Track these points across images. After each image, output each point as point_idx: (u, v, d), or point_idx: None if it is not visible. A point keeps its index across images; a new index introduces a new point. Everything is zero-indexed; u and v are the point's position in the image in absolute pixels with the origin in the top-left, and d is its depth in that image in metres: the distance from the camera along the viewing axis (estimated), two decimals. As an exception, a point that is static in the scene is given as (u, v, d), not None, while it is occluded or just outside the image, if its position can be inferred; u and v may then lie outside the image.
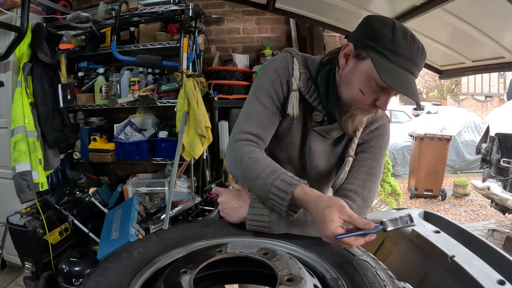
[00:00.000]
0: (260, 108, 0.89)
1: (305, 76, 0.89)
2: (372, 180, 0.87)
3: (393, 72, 0.73)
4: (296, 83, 0.88)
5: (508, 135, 3.78)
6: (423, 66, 0.79)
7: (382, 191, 4.03)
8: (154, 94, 2.41)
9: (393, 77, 0.73)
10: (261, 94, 0.90)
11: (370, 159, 0.89)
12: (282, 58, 0.92)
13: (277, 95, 0.89)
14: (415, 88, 0.76)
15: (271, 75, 0.90)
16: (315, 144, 0.94)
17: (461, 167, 6.93)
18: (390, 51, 0.73)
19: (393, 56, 0.73)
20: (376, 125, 0.92)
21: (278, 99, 0.90)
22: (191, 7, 2.30)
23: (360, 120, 0.84)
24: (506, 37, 1.46)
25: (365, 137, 0.91)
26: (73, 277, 1.96)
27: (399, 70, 0.74)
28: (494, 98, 14.15)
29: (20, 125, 2.15)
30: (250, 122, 0.88)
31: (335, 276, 0.64)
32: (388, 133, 0.94)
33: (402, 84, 0.74)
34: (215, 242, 0.75)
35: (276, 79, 0.89)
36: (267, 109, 0.89)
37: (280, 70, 0.90)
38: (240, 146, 0.85)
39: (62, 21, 2.46)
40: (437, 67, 2.13)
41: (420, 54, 0.76)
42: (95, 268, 0.66)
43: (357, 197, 0.84)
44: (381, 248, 1.25)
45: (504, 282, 0.83)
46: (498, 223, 4.06)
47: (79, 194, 2.53)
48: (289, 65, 0.90)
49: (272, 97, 0.89)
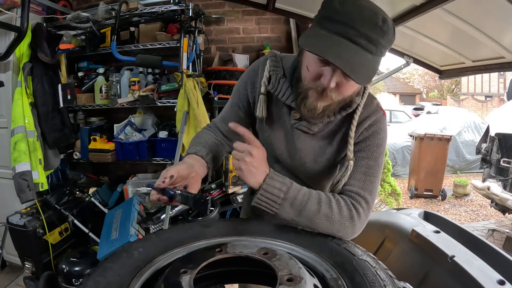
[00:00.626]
0: (228, 106, 1.02)
1: (276, 76, 0.89)
2: (371, 180, 0.84)
3: (323, 39, 0.69)
4: (265, 85, 0.90)
5: (508, 135, 3.78)
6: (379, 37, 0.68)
7: (382, 191, 4.03)
8: (154, 94, 2.41)
9: (320, 43, 0.68)
10: (232, 93, 1.02)
11: (367, 158, 0.86)
12: (256, 61, 0.97)
13: (242, 95, 0.97)
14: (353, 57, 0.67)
15: (242, 77, 0.99)
16: (299, 141, 0.92)
17: (461, 167, 6.93)
18: (326, 19, 0.70)
19: (328, 23, 0.69)
20: (370, 121, 0.87)
21: (244, 99, 0.97)
22: (191, 7, 2.30)
23: (311, 103, 0.79)
24: (506, 37, 1.46)
25: (360, 136, 0.87)
26: (73, 277, 1.96)
27: (333, 37, 0.68)
28: (494, 98, 14.15)
29: (20, 125, 2.15)
30: (220, 114, 1.04)
31: (335, 276, 0.64)
32: (384, 128, 0.89)
33: (330, 49, 0.67)
34: (215, 242, 0.75)
35: (243, 82, 0.97)
36: (232, 107, 1.00)
37: (250, 73, 0.96)
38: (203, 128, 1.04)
39: (62, 21, 2.47)
40: (437, 67, 2.13)
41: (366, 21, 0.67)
42: (95, 268, 0.65)
43: (360, 199, 0.82)
44: (381, 248, 1.26)
45: (504, 282, 0.83)
46: (498, 223, 4.06)
47: (79, 194, 2.53)
48: (260, 68, 0.93)
49: (239, 97, 0.98)
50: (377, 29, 0.68)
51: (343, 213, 0.79)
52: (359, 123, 0.86)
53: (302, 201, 0.78)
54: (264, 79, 0.90)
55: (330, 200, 0.80)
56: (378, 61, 0.72)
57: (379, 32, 0.68)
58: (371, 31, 0.67)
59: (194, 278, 0.59)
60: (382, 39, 0.69)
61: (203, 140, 0.95)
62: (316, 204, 0.78)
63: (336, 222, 0.78)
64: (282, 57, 0.92)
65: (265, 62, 0.92)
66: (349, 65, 0.66)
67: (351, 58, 0.67)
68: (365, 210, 0.81)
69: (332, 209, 0.79)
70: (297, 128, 0.90)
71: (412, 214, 1.29)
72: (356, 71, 0.67)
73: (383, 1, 1.69)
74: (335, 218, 0.78)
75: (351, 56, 0.67)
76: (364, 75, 0.69)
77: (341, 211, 0.79)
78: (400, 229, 1.20)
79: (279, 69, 0.89)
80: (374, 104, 0.89)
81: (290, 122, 0.91)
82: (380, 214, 1.47)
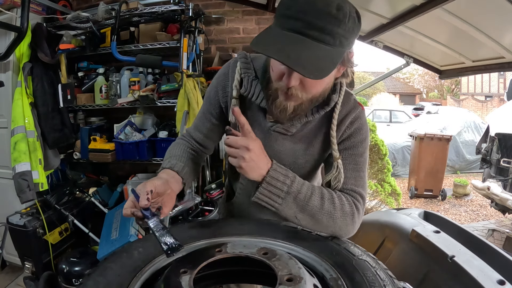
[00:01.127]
0: (200, 114, 0.99)
1: (248, 79, 0.85)
2: (361, 176, 0.85)
3: (273, 36, 0.66)
4: (237, 89, 0.86)
5: (508, 135, 3.78)
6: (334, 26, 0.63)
7: (382, 191, 4.02)
8: (154, 94, 2.41)
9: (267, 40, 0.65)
10: (204, 100, 0.98)
11: (354, 155, 0.85)
12: (226, 64, 0.93)
13: (214, 101, 0.94)
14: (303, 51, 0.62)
15: (212, 82, 0.95)
16: (278, 144, 0.88)
17: (461, 167, 6.94)
18: (280, 16, 0.67)
19: (282, 20, 0.66)
20: (350, 118, 0.85)
21: (216, 105, 0.93)
22: (191, 7, 2.30)
23: (281, 104, 0.75)
24: (506, 37, 1.46)
25: (343, 135, 0.86)
26: (73, 277, 1.96)
27: (283, 33, 0.65)
28: (494, 98, 14.16)
29: (20, 125, 2.15)
30: (193, 123, 1.00)
31: (335, 276, 0.64)
32: (365, 123, 0.87)
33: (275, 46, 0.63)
34: (215, 242, 0.75)
35: (213, 87, 0.94)
36: (204, 115, 0.97)
37: (220, 77, 0.93)
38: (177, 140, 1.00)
39: (62, 21, 2.46)
40: (437, 67, 2.14)
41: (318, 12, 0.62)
42: (95, 268, 0.66)
43: (356, 195, 0.83)
44: (381, 248, 1.25)
45: (504, 282, 0.83)
46: (498, 223, 4.07)
47: (79, 194, 2.54)
48: (230, 70, 0.90)
49: (210, 104, 0.95)
50: (330, 18, 0.63)
51: (345, 210, 0.79)
52: (340, 121, 0.85)
53: (306, 196, 0.76)
54: (236, 82, 0.86)
55: (332, 196, 0.79)
56: (340, 53, 0.67)
57: (333, 21, 0.63)
58: (324, 21, 0.63)
59: (194, 278, 0.59)
60: (338, 28, 0.64)
61: (178, 153, 0.91)
62: (319, 200, 0.77)
63: (338, 219, 0.78)
64: (253, 58, 0.89)
65: (235, 64, 0.89)
66: (298, 59, 0.62)
67: (301, 52, 0.62)
68: (362, 206, 0.82)
69: (335, 205, 0.78)
70: (274, 131, 0.87)
71: (412, 214, 1.29)
72: (307, 66, 0.62)
73: (383, 1, 1.70)
74: (337, 215, 0.78)
75: (301, 50, 0.63)
76: (319, 69, 0.63)
77: (343, 207, 0.79)
78: (400, 229, 1.20)
79: (250, 71, 0.86)
80: (351, 100, 0.87)
81: (267, 125, 0.87)
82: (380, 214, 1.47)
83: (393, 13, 1.62)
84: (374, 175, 4.21)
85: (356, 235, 0.83)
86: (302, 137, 0.88)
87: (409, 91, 20.52)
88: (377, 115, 9.62)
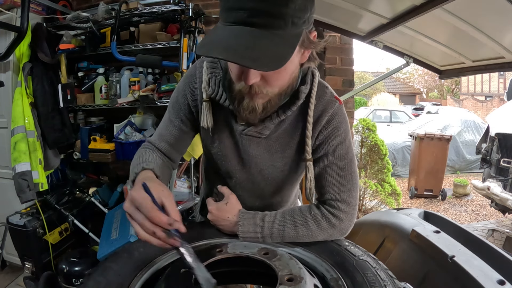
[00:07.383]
0: (165, 121, 0.89)
1: (215, 79, 0.78)
2: (347, 179, 0.79)
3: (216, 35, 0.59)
4: (206, 91, 0.78)
5: (508, 135, 3.78)
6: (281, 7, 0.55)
7: (382, 191, 4.03)
8: (154, 94, 2.41)
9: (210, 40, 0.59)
10: (169, 106, 0.89)
11: (336, 159, 0.79)
12: (193, 65, 0.85)
13: (183, 106, 0.85)
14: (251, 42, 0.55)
15: (179, 86, 0.87)
16: (251, 148, 0.82)
17: (461, 167, 6.95)
18: (222, 11, 0.59)
19: (225, 14, 0.58)
20: (327, 116, 0.78)
21: (186, 110, 0.85)
22: (191, 7, 2.30)
23: (248, 105, 0.69)
24: (506, 37, 1.46)
25: (320, 136, 0.79)
26: (73, 277, 1.96)
27: (226, 28, 0.58)
28: (494, 98, 14.17)
29: (20, 125, 2.15)
30: (156, 133, 0.90)
31: (335, 276, 0.64)
32: (344, 119, 0.80)
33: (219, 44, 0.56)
34: (215, 242, 0.75)
35: (180, 90, 0.85)
36: (171, 122, 0.87)
37: (186, 79, 0.84)
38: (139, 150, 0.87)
39: (62, 21, 2.47)
40: (437, 67, 2.13)
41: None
42: (95, 268, 0.66)
43: (340, 204, 0.78)
44: (381, 248, 1.25)
45: (504, 282, 0.83)
46: (498, 223, 4.07)
47: (79, 194, 2.54)
48: (197, 71, 0.82)
49: (180, 109, 0.86)
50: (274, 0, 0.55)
51: (322, 226, 0.78)
52: (316, 119, 0.78)
53: (279, 232, 0.78)
54: (204, 83, 0.79)
55: (306, 219, 0.78)
56: (295, 35, 0.59)
57: (279, 1, 0.55)
58: (268, 3, 0.55)
59: (194, 278, 0.59)
60: (286, 8, 0.55)
61: (151, 159, 0.79)
62: (293, 230, 0.78)
63: (319, 235, 0.78)
64: None
65: (201, 64, 0.81)
66: (246, 53, 0.54)
67: (249, 44, 0.55)
68: (347, 213, 0.79)
69: (310, 227, 0.78)
70: (247, 134, 0.80)
71: (412, 214, 1.29)
72: (259, 58, 0.54)
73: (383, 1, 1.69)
74: (316, 233, 0.78)
75: (248, 42, 0.55)
76: (274, 59, 0.55)
77: (320, 225, 0.78)
78: (400, 229, 1.20)
79: (217, 70, 0.79)
80: (327, 94, 0.80)
81: (238, 129, 0.80)
82: (380, 214, 1.47)
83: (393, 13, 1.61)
84: (374, 175, 4.21)
85: (356, 235, 0.84)
86: (277, 139, 0.82)
87: (409, 91, 20.53)
88: (377, 115, 9.64)
